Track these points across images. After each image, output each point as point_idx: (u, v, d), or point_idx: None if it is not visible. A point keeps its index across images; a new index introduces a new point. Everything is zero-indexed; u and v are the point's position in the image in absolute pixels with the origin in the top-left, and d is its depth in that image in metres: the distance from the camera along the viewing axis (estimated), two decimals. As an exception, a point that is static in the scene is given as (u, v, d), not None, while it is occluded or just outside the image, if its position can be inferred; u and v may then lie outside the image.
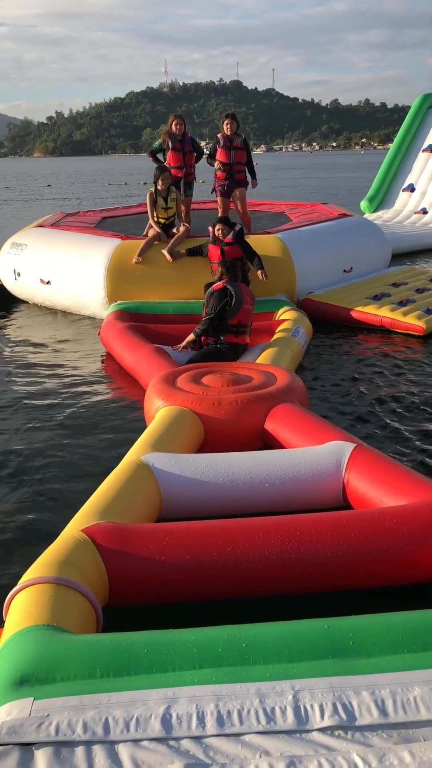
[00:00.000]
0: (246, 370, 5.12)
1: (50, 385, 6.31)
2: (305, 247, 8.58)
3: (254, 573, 2.99)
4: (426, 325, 7.38)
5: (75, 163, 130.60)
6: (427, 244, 13.95)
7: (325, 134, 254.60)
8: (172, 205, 8.41)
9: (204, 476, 3.72)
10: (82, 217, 10.92)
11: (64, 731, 1.99)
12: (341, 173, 54.23)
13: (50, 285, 8.90)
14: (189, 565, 2.96)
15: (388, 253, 10.15)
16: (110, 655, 2.29)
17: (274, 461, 3.83)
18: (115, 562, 2.94)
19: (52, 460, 4.69)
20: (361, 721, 2.04)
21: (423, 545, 3.08)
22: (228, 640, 2.33)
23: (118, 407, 5.70)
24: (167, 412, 4.44)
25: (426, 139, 17.37)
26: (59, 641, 2.35)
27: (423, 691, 2.12)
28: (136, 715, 2.04)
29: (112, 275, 8.16)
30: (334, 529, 3.10)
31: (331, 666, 2.23)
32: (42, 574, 2.73)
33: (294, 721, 2.03)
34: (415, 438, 4.95)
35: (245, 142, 8.92)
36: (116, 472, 3.68)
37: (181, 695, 2.11)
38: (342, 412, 5.45)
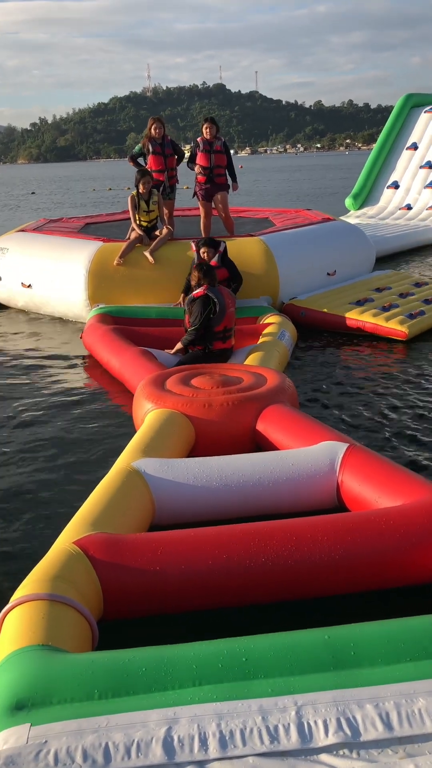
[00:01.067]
0: (236, 371, 5.07)
1: (33, 390, 6.22)
2: (289, 250, 8.54)
3: (251, 580, 2.94)
4: (408, 330, 7.34)
5: (59, 169, 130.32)
6: (411, 245, 13.95)
7: (309, 136, 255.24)
8: (154, 208, 8.36)
9: (197, 481, 3.66)
10: (64, 223, 10.87)
11: (63, 760, 1.92)
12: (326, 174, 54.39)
13: (31, 288, 8.82)
14: (184, 575, 2.91)
15: (372, 257, 10.12)
16: (108, 674, 2.22)
17: (268, 463, 3.78)
18: (109, 574, 2.88)
19: (39, 469, 4.61)
20: (366, 736, 1.99)
21: (421, 546, 3.04)
22: (227, 655, 2.28)
23: (105, 411, 5.62)
24: (157, 416, 4.38)
25: (409, 137, 17.47)
26: (55, 662, 2.29)
27: (428, 702, 2.08)
28: (136, 739, 1.98)
29: (94, 278, 8.08)
30: (331, 533, 3.05)
31: (333, 679, 2.18)
32: (35, 590, 2.65)
33: (298, 739, 1.98)
34: (403, 439, 4.92)
35: (225, 145, 8.85)
36: (107, 480, 3.61)
37: (182, 715, 2.05)
38: (330, 415, 5.41)
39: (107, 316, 7.31)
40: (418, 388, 6.02)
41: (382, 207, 16.79)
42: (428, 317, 7.76)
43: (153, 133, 8.71)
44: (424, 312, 7.83)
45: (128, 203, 8.45)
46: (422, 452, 4.68)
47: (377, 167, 17.49)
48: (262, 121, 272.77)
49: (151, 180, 8.37)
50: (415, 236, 14.16)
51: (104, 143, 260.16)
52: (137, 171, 8.45)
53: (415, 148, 17.23)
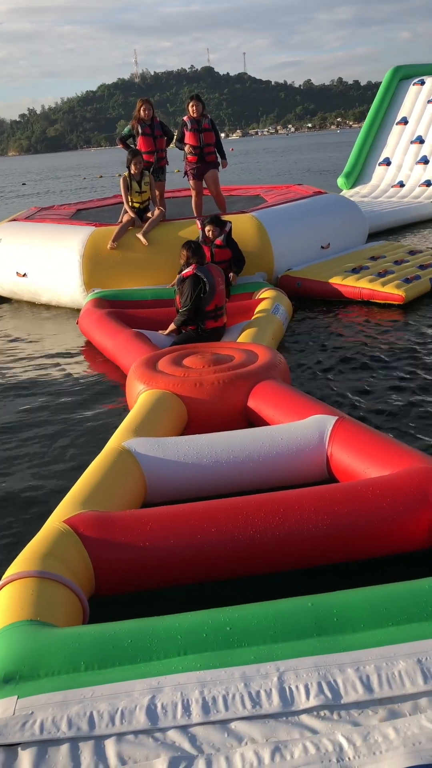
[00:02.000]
0: (227, 349, 5.08)
1: (29, 375, 6.26)
2: (281, 225, 8.52)
3: (240, 553, 2.97)
4: (405, 294, 7.34)
5: (50, 159, 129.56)
6: (404, 221, 13.90)
7: (299, 115, 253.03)
8: (146, 189, 8.34)
9: (187, 458, 3.68)
10: (56, 210, 10.83)
11: (48, 729, 1.97)
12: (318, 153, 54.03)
13: (27, 277, 8.82)
14: (174, 550, 2.94)
15: (365, 229, 10.09)
16: (94, 647, 2.27)
17: (257, 439, 3.80)
18: (100, 551, 2.91)
19: (34, 450, 4.66)
20: (347, 698, 2.02)
21: (407, 514, 3.06)
22: (212, 625, 2.31)
23: (99, 394, 5.65)
24: (149, 396, 4.40)
25: (399, 112, 17.29)
26: (43, 636, 2.33)
27: (407, 665, 2.11)
28: (120, 707, 2.02)
29: (88, 263, 8.08)
30: (318, 504, 3.08)
31: (315, 644, 2.22)
32: (25, 568, 2.69)
33: (279, 703, 2.01)
34: (397, 407, 4.94)
35: (212, 123, 8.79)
36: (98, 460, 3.64)
37: (165, 684, 2.09)
38: (325, 387, 5.43)
39: (103, 301, 7.33)
40: (412, 356, 6.04)
41: (374, 185, 16.68)
42: (424, 281, 7.78)
43: (142, 115, 8.66)
44: (419, 276, 7.84)
45: (120, 185, 8.42)
46: (412, 422, 4.69)
47: (368, 144, 17.32)
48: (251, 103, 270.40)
49: (143, 160, 8.35)
50: (407, 212, 14.10)
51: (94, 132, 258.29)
52: (128, 152, 8.42)
53: (405, 123, 17.06)
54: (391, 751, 1.82)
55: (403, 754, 1.80)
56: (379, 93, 17.67)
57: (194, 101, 8.67)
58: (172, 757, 1.86)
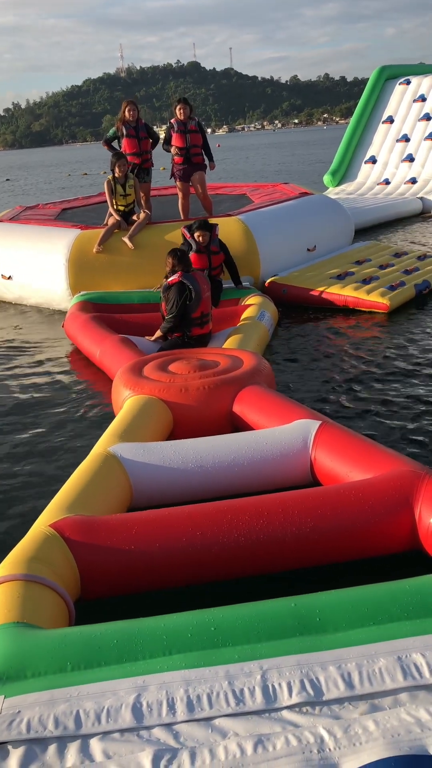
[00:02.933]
0: (212, 355, 5.12)
1: (13, 379, 6.26)
2: (268, 229, 8.55)
3: (224, 556, 3.01)
4: (390, 302, 7.40)
5: (35, 154, 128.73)
6: (388, 217, 13.99)
7: (286, 111, 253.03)
8: (131, 191, 8.34)
9: (172, 463, 3.72)
10: (41, 210, 10.79)
11: (35, 728, 2.00)
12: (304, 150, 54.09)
13: (11, 279, 8.80)
14: (159, 553, 2.98)
15: (351, 230, 10.15)
16: (80, 648, 2.30)
17: (242, 443, 3.84)
18: (85, 554, 2.95)
19: (18, 455, 4.67)
20: (329, 695, 2.07)
21: (389, 517, 3.12)
22: (196, 625, 2.36)
23: (85, 400, 5.66)
24: (135, 402, 4.42)
25: (385, 111, 17.40)
26: (29, 638, 2.36)
27: (388, 662, 2.16)
28: (106, 706, 2.05)
29: (74, 266, 8.07)
30: (301, 507, 3.13)
31: (298, 643, 2.26)
32: (11, 571, 2.73)
33: (263, 700, 2.06)
34: (381, 412, 5.00)
35: (199, 125, 8.84)
36: (84, 465, 3.67)
37: (150, 683, 2.13)
38: (311, 392, 5.48)
39: (88, 304, 7.31)
40: (395, 362, 6.10)
41: (360, 183, 16.79)
42: (409, 288, 7.83)
43: (127, 116, 8.67)
44: (404, 283, 7.90)
45: (104, 188, 8.42)
46: (394, 425, 4.75)
47: (354, 142, 17.43)
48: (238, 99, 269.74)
49: (127, 163, 8.35)
50: (393, 208, 14.22)
51: (80, 127, 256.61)
52: (112, 154, 8.43)
53: (391, 122, 17.18)
54: (371, 742, 1.87)
55: (383, 745, 1.85)
56: (366, 92, 17.77)
57: (182, 104, 8.70)
58: (156, 750, 1.90)
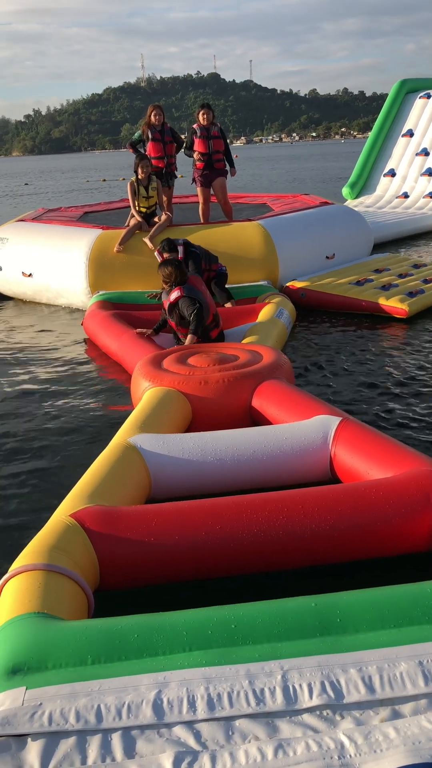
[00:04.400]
0: (231, 349, 5.11)
1: (35, 374, 6.30)
2: (287, 234, 8.57)
3: (244, 550, 3.00)
4: (409, 308, 7.38)
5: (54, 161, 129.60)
6: (407, 231, 13.98)
7: (304, 124, 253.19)
8: (153, 194, 8.39)
9: (192, 455, 3.72)
10: (63, 212, 10.89)
11: (57, 720, 2.00)
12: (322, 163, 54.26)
13: (32, 278, 8.87)
14: (179, 546, 2.97)
15: (370, 241, 10.14)
16: (101, 640, 2.30)
17: (262, 438, 3.83)
18: (105, 545, 2.94)
19: (39, 447, 4.70)
20: (349, 698, 2.06)
21: (410, 516, 3.10)
22: (217, 622, 2.35)
23: (104, 392, 5.69)
24: (154, 394, 4.43)
25: (405, 124, 17.42)
26: (50, 629, 2.36)
27: (409, 666, 2.15)
28: (127, 701, 2.05)
29: (94, 265, 8.13)
30: (322, 504, 3.11)
31: (319, 644, 2.25)
32: (31, 561, 2.73)
33: (283, 701, 2.05)
34: (398, 412, 4.99)
35: (221, 131, 8.87)
36: (104, 455, 3.67)
37: (171, 679, 2.12)
38: (327, 390, 5.48)
39: (107, 303, 7.37)
40: (415, 365, 6.08)
41: (379, 196, 16.78)
42: (428, 295, 7.80)
43: (153, 120, 8.74)
44: (423, 291, 7.86)
45: (128, 189, 8.48)
46: (416, 425, 4.74)
47: (373, 155, 17.43)
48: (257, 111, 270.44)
49: (150, 165, 8.41)
50: (412, 223, 14.18)
51: (99, 134, 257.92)
52: (136, 156, 8.49)
53: (410, 135, 17.19)
54: (391, 749, 1.86)
55: (403, 752, 1.84)
56: (386, 105, 17.80)
57: (205, 109, 8.77)
58: (177, 752, 1.89)
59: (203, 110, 8.76)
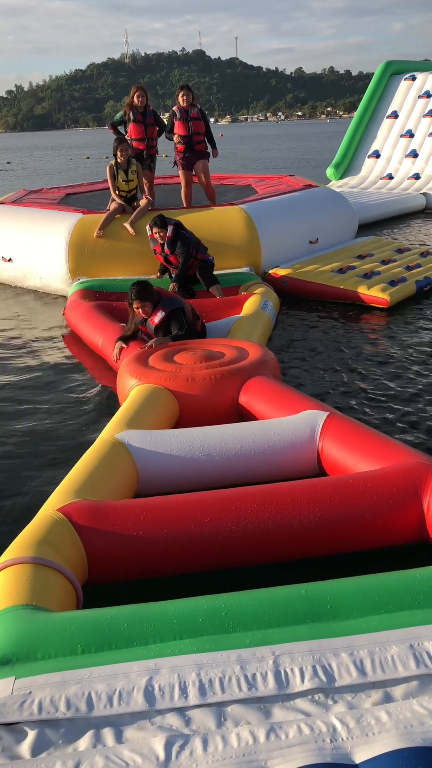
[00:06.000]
0: (218, 346, 5.10)
1: (17, 365, 6.22)
2: (270, 219, 8.52)
3: (232, 543, 3.01)
4: (390, 298, 7.39)
5: (37, 138, 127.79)
6: (392, 212, 13.99)
7: (290, 103, 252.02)
8: (133, 177, 8.31)
9: (180, 451, 3.71)
10: (45, 194, 10.76)
11: (47, 709, 1.99)
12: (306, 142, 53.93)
13: (11, 262, 8.78)
14: (167, 539, 2.98)
15: (354, 224, 10.12)
16: (90, 630, 2.30)
17: (249, 433, 3.83)
18: (93, 539, 2.94)
19: (23, 441, 4.65)
20: (341, 682, 2.07)
21: (397, 508, 3.12)
22: (207, 610, 2.35)
23: (89, 387, 5.64)
24: (141, 391, 4.41)
25: (390, 106, 17.36)
26: (39, 620, 2.36)
27: (400, 650, 2.16)
28: (118, 688, 2.05)
29: (74, 250, 8.04)
30: (309, 496, 3.13)
31: (310, 630, 2.26)
32: (19, 554, 2.72)
33: (275, 685, 2.05)
34: (384, 405, 5.00)
35: (201, 112, 8.79)
36: (91, 451, 3.66)
37: (162, 666, 2.12)
38: (313, 384, 5.48)
39: (89, 292, 7.25)
40: (398, 355, 6.10)
41: (363, 177, 16.77)
42: (410, 284, 7.82)
43: (135, 102, 8.65)
44: (405, 279, 7.88)
45: (107, 173, 8.39)
46: (401, 418, 4.76)
47: (358, 136, 17.40)
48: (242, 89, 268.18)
49: (129, 148, 8.31)
50: (396, 204, 14.21)
51: (82, 111, 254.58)
52: (115, 139, 8.40)
53: (395, 117, 17.15)
54: (383, 733, 1.87)
55: (395, 736, 1.85)
56: (371, 86, 17.73)
57: (184, 91, 8.67)
58: (169, 736, 1.89)
59: (183, 92, 8.67)
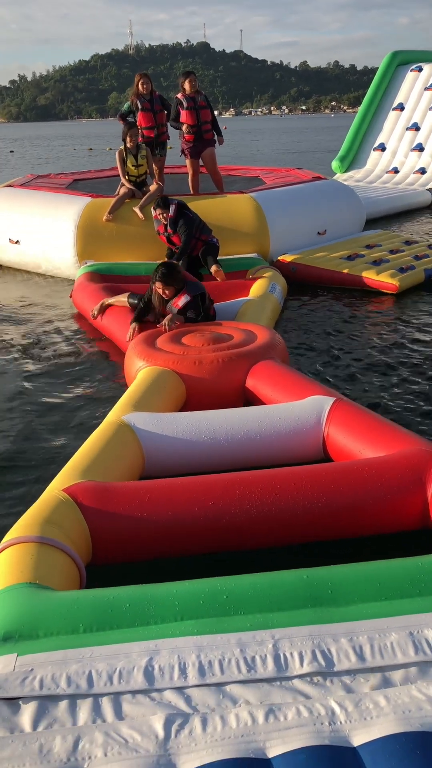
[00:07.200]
0: (226, 329, 5.09)
1: (24, 348, 6.23)
2: (279, 208, 8.51)
3: (235, 527, 3.01)
4: (399, 283, 7.39)
5: (40, 128, 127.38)
6: (397, 208, 13.93)
7: (294, 97, 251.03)
8: (143, 162, 8.29)
9: (185, 434, 3.71)
10: (53, 179, 10.75)
11: (48, 685, 2.01)
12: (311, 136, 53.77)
13: (19, 245, 8.76)
14: (171, 521, 2.98)
15: (362, 217, 10.10)
16: (93, 610, 2.31)
17: (256, 417, 3.83)
18: (97, 520, 2.95)
19: (32, 423, 4.67)
20: (340, 666, 2.07)
21: (400, 495, 3.11)
22: (209, 592, 2.36)
23: (96, 369, 5.65)
24: (148, 373, 4.41)
25: (396, 98, 17.21)
26: (42, 598, 2.38)
27: (400, 636, 2.16)
28: (118, 667, 2.07)
29: (82, 234, 8.04)
30: (314, 481, 3.13)
31: (310, 615, 2.27)
32: (24, 533, 2.74)
33: (274, 668, 2.06)
34: (391, 391, 5.00)
35: (207, 99, 8.72)
36: (97, 433, 3.67)
37: (163, 647, 2.14)
38: (320, 369, 5.48)
39: (96, 275, 7.26)
40: (407, 342, 6.09)
41: (368, 170, 16.66)
42: (418, 272, 7.82)
43: (140, 90, 8.59)
44: (414, 267, 7.88)
45: (116, 158, 8.37)
46: (408, 404, 4.76)
47: (363, 129, 17.25)
48: (246, 82, 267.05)
49: (138, 134, 8.30)
50: (403, 200, 14.12)
51: (85, 103, 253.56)
52: (125, 124, 8.36)
53: (401, 109, 17.00)
54: (381, 717, 1.87)
55: (394, 721, 1.86)
56: (377, 77, 17.54)
57: (190, 77, 8.56)
58: (168, 714, 1.90)
59: (189, 77, 8.54)
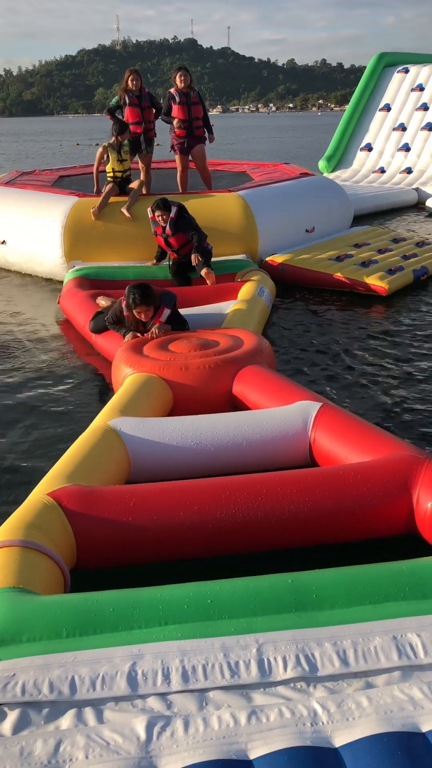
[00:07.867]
0: (213, 334, 5.08)
1: (10, 352, 6.18)
2: (267, 206, 8.49)
3: (221, 532, 3.01)
4: (389, 286, 7.41)
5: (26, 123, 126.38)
6: (383, 206, 13.99)
7: (281, 95, 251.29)
8: (127, 157, 8.27)
9: (172, 439, 3.70)
10: (38, 176, 10.67)
11: (30, 691, 2.01)
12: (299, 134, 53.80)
13: (5, 245, 8.69)
14: (156, 526, 2.98)
15: (350, 213, 10.12)
16: (76, 614, 2.31)
17: (242, 422, 3.82)
18: (82, 524, 2.94)
19: (16, 427, 4.64)
20: (323, 671, 2.08)
21: (386, 500, 3.12)
22: (193, 597, 2.37)
23: (83, 375, 5.61)
24: (135, 380, 4.39)
25: (382, 98, 17.30)
26: (25, 602, 2.37)
27: (383, 641, 2.17)
28: (101, 673, 2.06)
29: (70, 234, 7.99)
30: (299, 486, 3.13)
31: (294, 619, 2.28)
32: (8, 537, 2.73)
33: (258, 674, 2.07)
34: (378, 396, 5.01)
35: (200, 96, 8.71)
36: (83, 437, 3.65)
37: (146, 652, 2.13)
38: (308, 373, 5.48)
39: (84, 280, 7.17)
40: (395, 346, 6.11)
41: (355, 170, 16.74)
42: (407, 273, 7.86)
43: (130, 85, 8.56)
44: (403, 267, 7.92)
45: (97, 152, 8.37)
46: (395, 409, 4.77)
47: (350, 129, 17.34)
48: (234, 79, 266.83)
49: (129, 134, 8.33)
50: (388, 198, 14.21)
51: (72, 98, 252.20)
52: (115, 123, 8.33)
53: (388, 110, 17.09)
54: (363, 718, 1.88)
55: (376, 721, 1.86)
56: (363, 78, 17.64)
57: (182, 72, 8.54)
58: (150, 717, 1.90)
59: (180, 72, 8.53)
